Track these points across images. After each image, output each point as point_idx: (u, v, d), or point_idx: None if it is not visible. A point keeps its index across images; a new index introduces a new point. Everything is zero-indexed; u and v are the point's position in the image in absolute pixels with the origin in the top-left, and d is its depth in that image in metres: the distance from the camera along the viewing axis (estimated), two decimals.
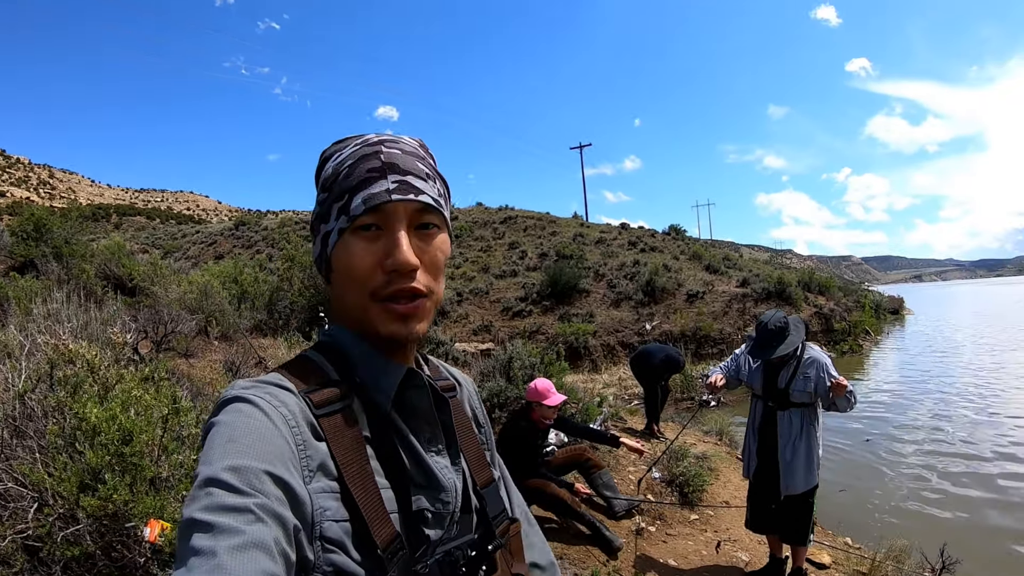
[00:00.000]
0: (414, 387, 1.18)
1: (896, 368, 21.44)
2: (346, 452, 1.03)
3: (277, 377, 1.08)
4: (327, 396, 1.07)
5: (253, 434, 0.93)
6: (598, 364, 22.10)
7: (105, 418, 3.04)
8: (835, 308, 27.58)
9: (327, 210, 1.16)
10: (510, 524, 1.33)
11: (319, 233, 1.18)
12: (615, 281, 28.08)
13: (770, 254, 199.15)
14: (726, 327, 23.54)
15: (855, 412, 5.78)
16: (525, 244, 36.36)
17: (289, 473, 0.92)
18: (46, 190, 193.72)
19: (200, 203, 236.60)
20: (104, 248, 14.60)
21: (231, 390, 1.03)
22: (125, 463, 3.04)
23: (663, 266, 29.48)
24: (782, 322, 5.33)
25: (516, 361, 9.16)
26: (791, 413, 5.39)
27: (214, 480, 0.85)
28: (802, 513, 5.48)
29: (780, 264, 48.34)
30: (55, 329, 5.40)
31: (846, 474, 10.04)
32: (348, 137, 1.24)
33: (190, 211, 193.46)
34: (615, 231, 40.42)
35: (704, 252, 34.75)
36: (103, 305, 9.16)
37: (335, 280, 1.17)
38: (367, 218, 1.11)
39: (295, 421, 0.99)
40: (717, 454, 9.18)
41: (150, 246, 41.05)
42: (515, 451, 6.36)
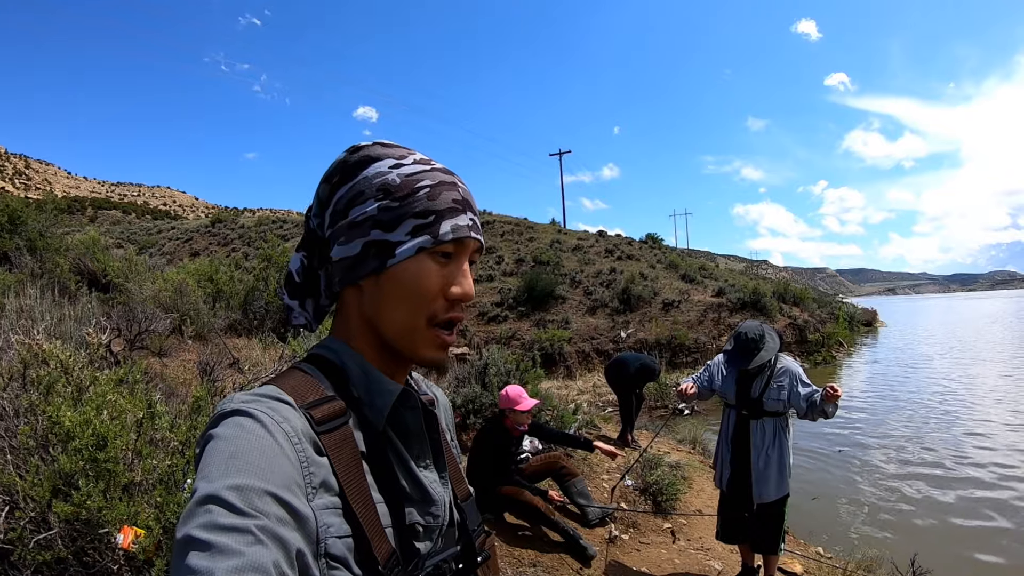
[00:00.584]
0: (408, 407, 1.18)
1: (868, 379, 21.62)
2: (347, 468, 1.02)
3: (274, 390, 1.04)
4: (327, 412, 1.05)
5: (256, 451, 0.91)
6: (573, 371, 22.16)
7: (79, 422, 2.99)
8: (809, 319, 27.83)
9: (395, 220, 1.12)
10: (486, 537, 1.35)
11: (366, 236, 1.13)
12: (591, 288, 28.21)
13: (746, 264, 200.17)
14: (701, 336, 23.65)
15: (828, 422, 5.82)
16: (502, 249, 36.43)
17: (292, 493, 0.90)
18: (21, 180, 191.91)
19: (177, 198, 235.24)
20: (79, 242, 14.38)
21: (230, 403, 0.99)
22: (99, 469, 2.99)
23: (639, 274, 29.64)
24: (759, 332, 5.38)
25: (491, 367, 9.15)
26: (764, 422, 5.43)
27: (214, 498, 0.83)
28: (774, 522, 5.52)
29: (756, 275, 48.52)
30: (29, 327, 5.33)
31: (819, 484, 10.13)
32: (395, 144, 1.22)
33: (167, 206, 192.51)
34: (592, 238, 40.55)
35: (681, 261, 34.96)
36: (76, 301, 9.07)
37: (380, 292, 1.14)
38: (450, 246, 1.14)
39: (298, 438, 0.97)
40: (690, 463, 9.21)
41: (125, 241, 40.81)
42: (489, 458, 6.36)
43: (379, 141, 1.21)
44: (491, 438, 6.42)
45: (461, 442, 8.24)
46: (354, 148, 1.20)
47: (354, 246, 1.14)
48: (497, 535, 6.08)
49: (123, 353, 8.20)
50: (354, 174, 1.17)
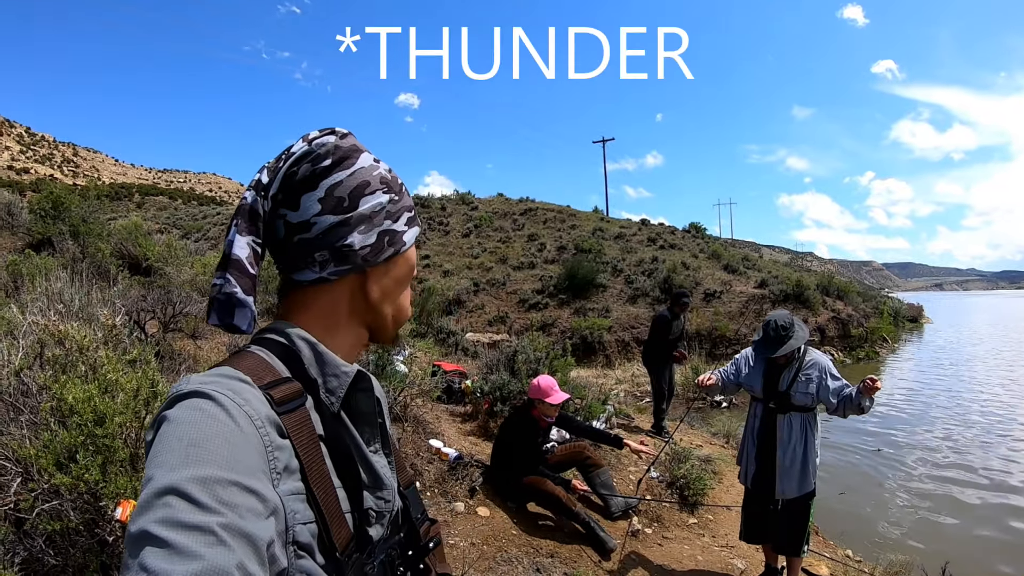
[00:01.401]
0: (361, 389, 1.17)
1: (911, 377, 21.13)
2: (307, 451, 0.99)
3: (231, 371, 1.01)
4: (286, 392, 1.02)
5: (218, 438, 0.87)
6: (612, 360, 22.06)
7: (82, 399, 3.04)
8: (853, 314, 27.37)
9: (397, 211, 1.21)
10: (430, 525, 1.36)
11: (379, 226, 1.17)
12: (633, 277, 28.05)
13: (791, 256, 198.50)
14: (742, 328, 23.39)
15: (865, 419, 5.69)
16: (544, 236, 36.31)
17: (259, 481, 0.87)
18: (70, 168, 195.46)
19: (223, 185, 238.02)
20: (121, 227, 14.62)
21: (186, 383, 0.95)
22: (98, 444, 3.06)
23: (681, 264, 29.47)
24: (788, 320, 5.27)
25: (521, 355, 9.12)
26: (791, 417, 5.30)
27: (174, 490, 0.78)
28: (798, 522, 5.39)
29: (800, 266, 48.06)
30: (47, 309, 5.41)
31: (851, 483, 9.91)
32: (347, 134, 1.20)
33: (212, 192, 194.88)
34: (635, 227, 40.23)
35: (723, 251, 34.62)
36: (116, 284, 9.19)
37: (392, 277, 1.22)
38: None
39: (261, 421, 0.94)
40: (722, 457, 9.08)
41: (171, 226, 41.31)
42: (514, 448, 6.33)
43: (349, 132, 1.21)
44: (517, 427, 6.40)
45: (488, 429, 8.23)
46: (341, 133, 1.18)
47: (371, 235, 1.16)
48: (517, 524, 6.07)
49: (157, 335, 8.30)
50: (348, 162, 1.16)
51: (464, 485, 6.47)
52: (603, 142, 61.11)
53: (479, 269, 31.08)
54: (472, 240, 36.48)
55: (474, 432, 8.34)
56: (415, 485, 1.37)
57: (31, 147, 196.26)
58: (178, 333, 9.36)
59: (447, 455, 6.82)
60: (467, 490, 6.43)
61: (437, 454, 6.85)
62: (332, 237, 1.12)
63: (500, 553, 5.56)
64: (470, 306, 26.50)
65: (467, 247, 35.31)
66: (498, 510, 6.27)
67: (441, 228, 38.64)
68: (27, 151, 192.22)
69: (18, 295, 7.54)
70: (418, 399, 7.78)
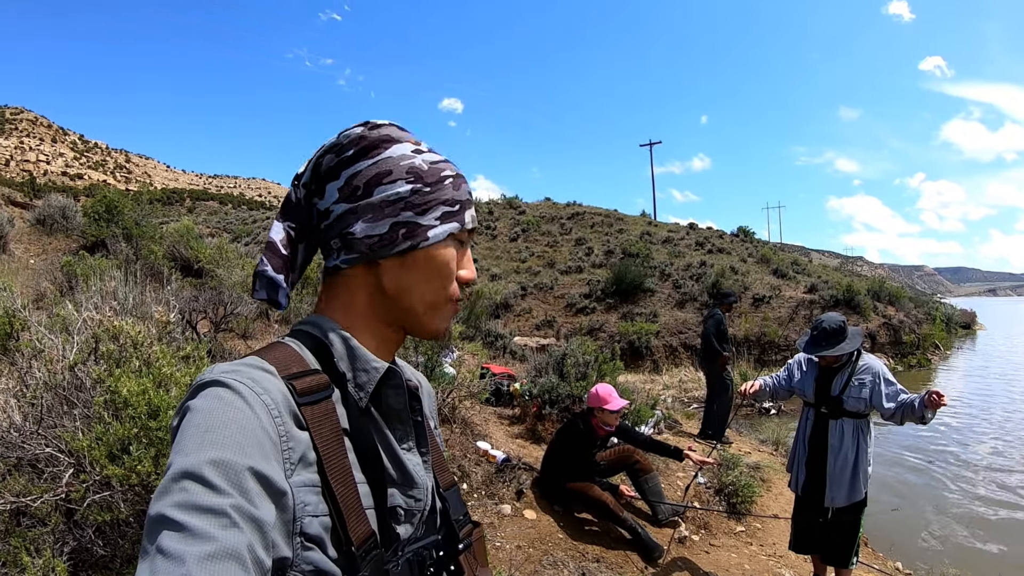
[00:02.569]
0: (392, 386, 1.16)
1: (964, 386, 20.55)
2: (327, 443, 1.00)
3: (257, 361, 1.03)
4: (310, 384, 1.03)
5: (233, 424, 0.88)
6: (659, 365, 21.95)
7: (137, 392, 3.09)
8: (905, 320, 26.89)
9: (426, 204, 1.16)
10: (472, 528, 1.33)
11: (395, 217, 1.14)
12: (681, 282, 27.85)
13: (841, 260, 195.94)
14: (791, 334, 23.07)
15: (917, 430, 5.55)
16: (592, 240, 36.25)
17: (270, 466, 0.88)
18: (122, 174, 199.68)
19: (272, 190, 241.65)
20: (173, 231, 14.89)
21: (209, 373, 0.97)
22: (151, 436, 3.11)
23: (730, 268, 29.20)
24: (839, 324, 5.17)
25: (569, 359, 9.08)
26: (843, 423, 5.18)
27: (191, 474, 0.81)
28: (848, 532, 5.27)
29: (850, 271, 47.39)
30: (102, 306, 5.50)
31: (904, 494, 9.68)
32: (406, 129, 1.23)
33: (262, 197, 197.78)
34: (683, 231, 40.01)
35: (773, 256, 34.26)
36: (169, 284, 9.33)
37: (410, 270, 1.16)
38: (466, 234, 1.23)
39: (277, 410, 0.95)
40: (771, 464, 8.93)
41: (221, 230, 41.82)
42: (568, 454, 6.31)
43: (394, 123, 1.22)
44: (574, 435, 6.36)
45: (536, 432, 8.21)
46: (372, 124, 1.19)
47: (383, 225, 1.14)
48: (563, 528, 6.05)
49: (208, 334, 8.41)
50: (375, 152, 1.16)
51: (511, 488, 6.46)
52: (650, 145, 60.92)
53: (527, 273, 31.09)
54: (520, 244, 36.53)
55: (522, 435, 8.31)
56: (457, 487, 1.36)
57: (84, 153, 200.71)
58: (229, 333, 9.50)
59: (495, 457, 6.81)
60: (514, 493, 6.42)
61: (485, 456, 6.85)
62: (341, 224, 1.15)
63: (546, 556, 5.54)
64: (517, 310, 26.51)
65: (515, 251, 35.35)
66: (545, 513, 6.25)
67: (489, 232, 38.72)
68: (81, 157, 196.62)
69: (73, 294, 7.67)
70: (466, 401, 7.77)
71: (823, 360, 5.29)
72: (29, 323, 4.83)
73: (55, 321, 4.85)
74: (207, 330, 8.77)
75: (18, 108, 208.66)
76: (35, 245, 14.52)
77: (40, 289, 9.61)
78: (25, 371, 4.03)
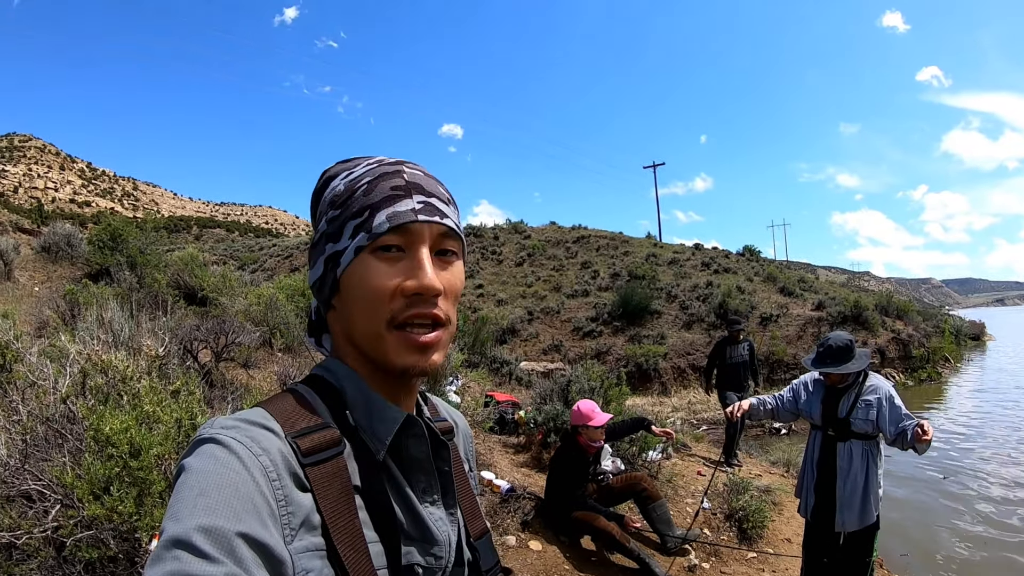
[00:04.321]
0: (412, 435, 1.08)
1: (976, 399, 20.37)
2: (333, 505, 0.93)
3: (262, 415, 0.96)
4: (317, 442, 0.96)
5: (228, 488, 0.83)
6: (668, 387, 21.90)
7: (119, 430, 3.02)
8: (913, 333, 26.74)
9: (338, 228, 1.05)
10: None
11: (323, 254, 1.07)
12: (687, 303, 27.84)
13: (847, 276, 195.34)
14: (800, 352, 22.94)
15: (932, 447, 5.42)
16: (597, 264, 36.30)
17: (267, 532, 0.83)
18: (130, 201, 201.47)
19: (279, 217, 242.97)
20: (177, 259, 14.90)
21: (208, 428, 0.92)
22: (133, 476, 3.06)
23: (736, 288, 29.11)
24: (846, 342, 5.09)
25: (574, 384, 8.99)
26: (852, 444, 5.06)
27: (182, 542, 0.76)
28: (860, 557, 5.13)
29: (857, 287, 47.33)
30: (94, 339, 5.45)
31: (917, 514, 9.49)
32: (355, 157, 1.16)
33: (268, 225, 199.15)
34: (688, 251, 40.01)
35: (779, 274, 34.21)
36: (169, 313, 9.31)
37: (343, 305, 1.06)
38: (391, 237, 1.02)
39: (276, 473, 0.89)
40: (782, 487, 8.75)
41: (228, 258, 41.97)
42: (565, 478, 6.22)
43: (341, 160, 1.17)
44: (566, 457, 6.29)
45: (541, 460, 8.11)
46: (321, 174, 1.17)
47: (318, 267, 1.09)
48: (569, 559, 5.94)
49: (209, 363, 8.35)
50: (318, 199, 1.15)
51: (516, 518, 6.35)
52: (654, 167, 60.99)
53: (533, 298, 31.12)
54: (525, 268, 36.60)
55: (527, 463, 8.20)
56: (489, 535, 1.26)
57: (92, 181, 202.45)
58: (231, 363, 9.42)
59: (499, 487, 6.72)
60: (519, 523, 6.31)
61: (489, 486, 6.76)
62: None
63: None
64: (524, 335, 26.50)
65: (520, 276, 35.41)
66: (550, 544, 6.14)
67: (494, 257, 38.81)
68: (89, 185, 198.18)
69: (75, 323, 7.65)
70: None
71: (829, 378, 5.20)
72: (23, 355, 4.77)
73: (51, 353, 4.80)
74: (208, 359, 8.72)
75: (26, 136, 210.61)
76: (40, 272, 14.59)
77: (43, 318, 9.58)
78: (17, 403, 3.98)
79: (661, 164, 61.28)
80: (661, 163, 61.17)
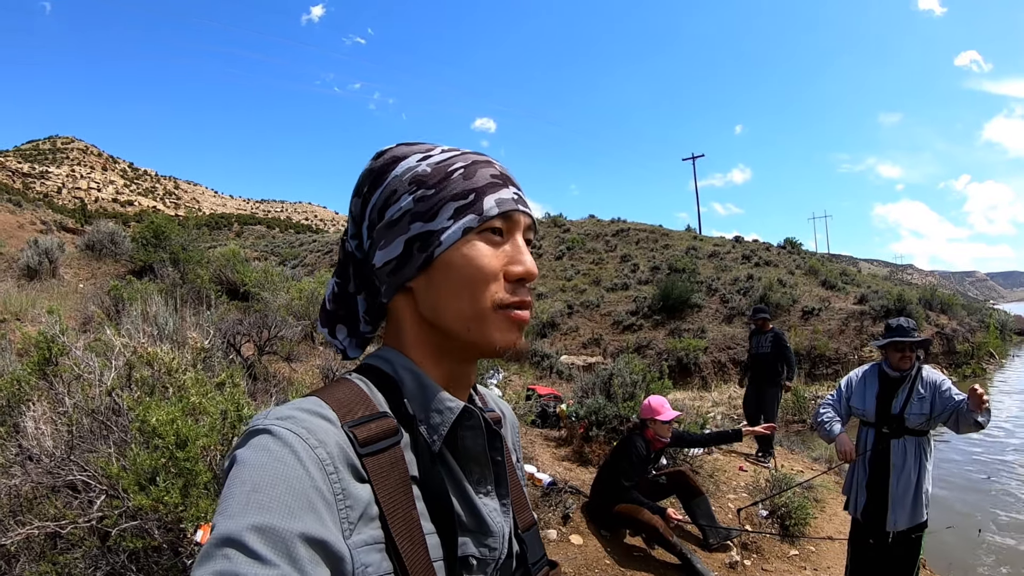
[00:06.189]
0: (469, 427, 1.07)
1: (1020, 397, 20.17)
2: (392, 497, 0.92)
3: (317, 404, 0.94)
4: (375, 432, 0.94)
5: (281, 483, 0.81)
6: (708, 381, 21.73)
7: (165, 421, 3.03)
8: (958, 328, 26.19)
9: (433, 207, 1.03)
10: (549, 570, 1.25)
11: (406, 233, 1.04)
12: (728, 296, 27.64)
13: (890, 269, 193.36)
14: (842, 346, 22.73)
15: (972, 445, 5.32)
16: (637, 257, 36.13)
17: (325, 528, 0.81)
18: (172, 200, 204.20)
19: (318, 213, 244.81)
20: (220, 255, 15.02)
21: (263, 418, 0.90)
22: (179, 467, 3.07)
23: (778, 281, 28.81)
24: (913, 323, 5.11)
25: (616, 378, 8.95)
26: (905, 441, 4.99)
27: (233, 541, 0.74)
28: (908, 556, 5.05)
29: (900, 280, 46.84)
30: (140, 332, 5.50)
31: (960, 511, 9.30)
32: (417, 141, 1.14)
33: (308, 221, 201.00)
34: (728, 244, 39.69)
35: (821, 267, 33.81)
36: (212, 308, 9.40)
37: (433, 285, 1.04)
38: (498, 221, 1.04)
39: (333, 465, 0.87)
40: (824, 484, 8.64)
41: (269, 253, 42.33)
42: (622, 473, 6.19)
43: (402, 142, 1.14)
44: (630, 450, 6.25)
45: (583, 454, 8.08)
46: (378, 154, 1.14)
47: (396, 246, 1.06)
48: (610, 553, 5.91)
49: (252, 357, 8.41)
50: (383, 178, 1.10)
51: (558, 512, 6.33)
52: (693, 159, 60.46)
53: (572, 291, 31.06)
54: (565, 262, 36.53)
55: (568, 457, 8.17)
56: (536, 528, 1.26)
57: (135, 181, 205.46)
58: (273, 356, 9.50)
59: (541, 481, 6.71)
60: (560, 517, 6.29)
61: (531, 479, 6.74)
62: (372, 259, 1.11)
63: None
64: (564, 328, 26.47)
65: (560, 269, 35.36)
66: (592, 538, 6.12)
67: (534, 251, 37.96)
68: (131, 185, 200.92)
69: (119, 318, 7.74)
70: None
71: (892, 362, 5.15)
72: (68, 348, 4.82)
73: (95, 346, 4.84)
74: (251, 353, 8.79)
75: (69, 138, 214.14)
76: (84, 270, 14.78)
77: (88, 313, 9.71)
78: (63, 395, 4.02)
79: (700, 156, 60.77)
80: (700, 155, 60.67)
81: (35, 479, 3.41)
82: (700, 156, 60.82)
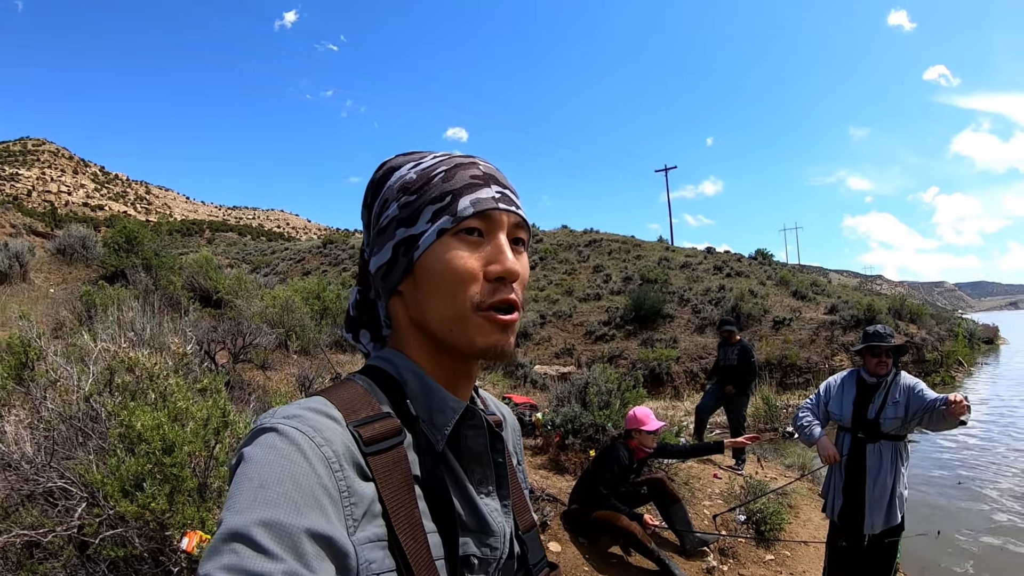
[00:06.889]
0: (471, 426, 1.09)
1: (989, 403, 20.23)
2: (395, 495, 0.94)
3: (323, 403, 0.96)
4: (379, 431, 0.96)
5: (289, 480, 0.82)
6: (680, 391, 21.80)
7: (151, 427, 3.01)
8: (927, 337, 26.53)
9: (414, 213, 1.06)
10: (550, 572, 1.26)
11: (393, 239, 1.07)
12: (700, 306, 27.76)
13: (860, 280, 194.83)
14: (813, 356, 22.89)
15: (943, 449, 5.40)
16: (610, 267, 36.19)
17: (330, 524, 0.82)
18: (143, 205, 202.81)
19: (290, 221, 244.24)
20: (192, 261, 14.95)
21: (269, 417, 0.92)
22: (166, 473, 3.04)
23: (749, 291, 28.97)
24: (889, 329, 5.22)
25: (592, 387, 8.97)
26: (881, 446, 5.08)
27: (241, 535, 0.75)
28: (885, 559, 5.13)
29: (870, 290, 47.17)
30: (118, 337, 5.46)
31: (934, 517, 9.34)
32: (418, 151, 1.17)
33: (280, 229, 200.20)
34: (701, 255, 39.87)
35: (792, 277, 34.06)
36: (187, 315, 9.36)
37: (416, 288, 1.06)
38: (474, 221, 1.04)
39: (339, 463, 0.89)
40: (797, 490, 8.75)
41: (241, 261, 42.11)
42: (604, 481, 6.21)
43: (400, 153, 1.17)
44: (614, 459, 6.28)
45: (560, 462, 8.10)
46: (379, 166, 1.17)
47: (385, 252, 1.09)
48: (588, 560, 5.93)
49: (227, 365, 8.37)
50: (380, 188, 1.14)
51: None
52: (665, 170, 60.78)
53: (545, 301, 31.05)
54: (538, 272, 36.50)
55: (545, 465, 8.20)
56: (536, 529, 1.27)
57: (106, 185, 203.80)
58: (248, 364, 9.45)
59: None
60: (538, 524, 6.31)
61: None
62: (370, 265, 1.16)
63: None
64: (537, 338, 26.48)
65: (533, 279, 35.29)
66: (570, 545, 6.14)
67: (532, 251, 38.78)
68: (102, 188, 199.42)
69: (91, 324, 7.68)
70: None
71: (869, 367, 5.26)
72: (45, 353, 4.78)
73: (71, 351, 4.80)
74: (226, 361, 8.75)
75: (40, 140, 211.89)
76: (55, 274, 14.66)
77: (59, 318, 9.62)
78: (40, 401, 3.99)
79: (673, 168, 61.14)
80: (673, 167, 61.04)
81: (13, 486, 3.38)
82: (672, 168, 61.25)
